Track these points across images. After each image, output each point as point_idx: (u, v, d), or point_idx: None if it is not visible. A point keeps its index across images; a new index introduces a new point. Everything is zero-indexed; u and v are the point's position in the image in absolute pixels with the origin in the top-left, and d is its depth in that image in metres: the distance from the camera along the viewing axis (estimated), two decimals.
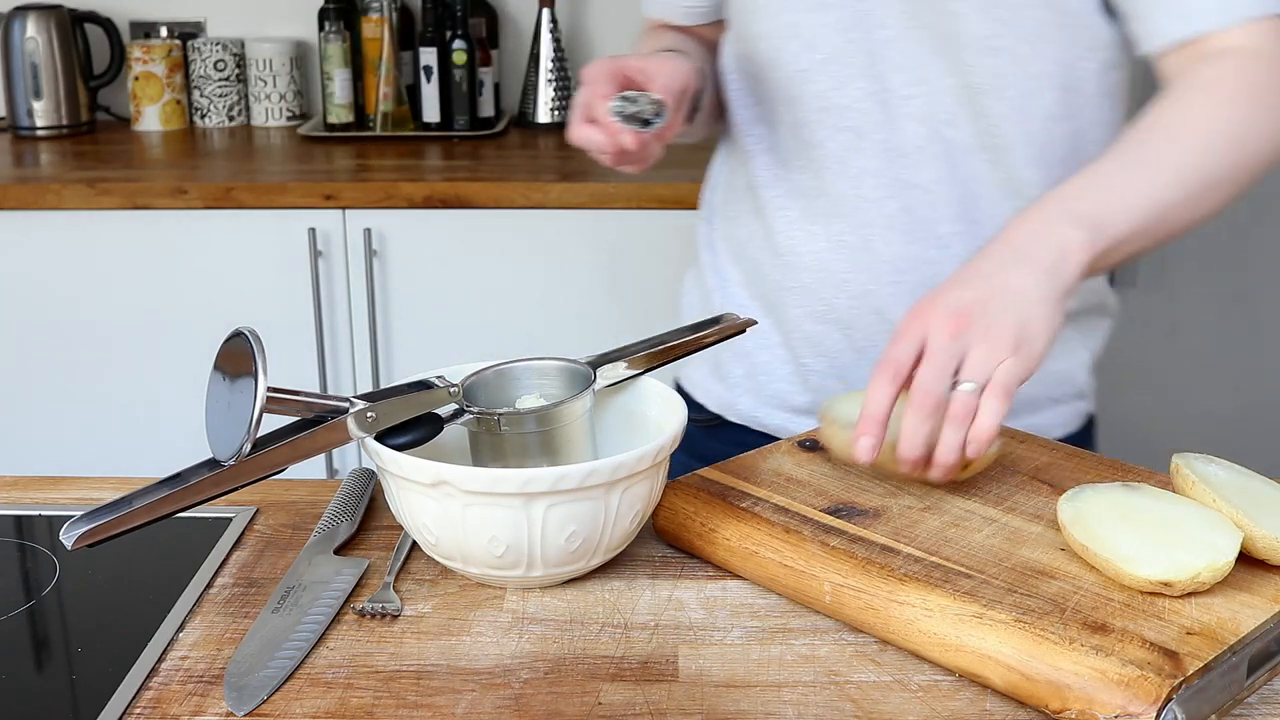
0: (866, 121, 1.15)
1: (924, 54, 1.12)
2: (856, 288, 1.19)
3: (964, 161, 1.14)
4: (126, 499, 0.82)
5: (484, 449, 0.96)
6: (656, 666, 0.82)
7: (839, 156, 1.16)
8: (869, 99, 1.14)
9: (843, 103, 1.15)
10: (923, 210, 1.16)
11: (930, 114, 1.13)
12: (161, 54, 2.65)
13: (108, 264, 2.24)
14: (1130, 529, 0.84)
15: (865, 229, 1.17)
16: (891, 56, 1.12)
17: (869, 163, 1.15)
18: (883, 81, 1.13)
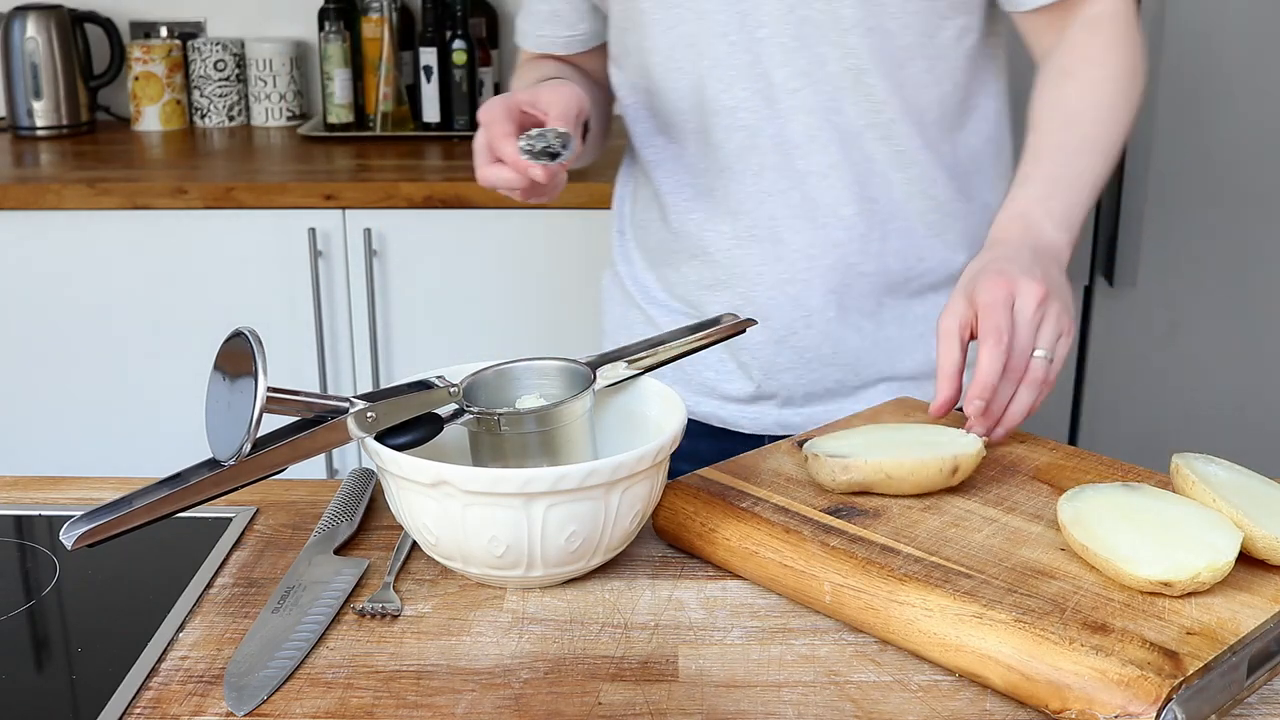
0: (757, 119, 1.18)
1: (804, 45, 1.15)
2: (771, 278, 1.22)
3: (855, 143, 1.19)
4: (126, 499, 0.82)
5: (484, 449, 0.96)
6: (656, 666, 0.82)
7: (737, 155, 1.20)
8: (756, 97, 1.18)
9: (732, 104, 1.18)
10: (824, 196, 1.20)
11: (817, 103, 1.17)
12: (161, 54, 2.65)
13: (108, 264, 2.24)
14: (1130, 529, 0.84)
15: (771, 221, 1.21)
16: (773, 53, 1.16)
17: (766, 158, 1.19)
18: (768, 79, 1.17)
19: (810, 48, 1.15)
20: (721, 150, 1.20)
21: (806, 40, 1.15)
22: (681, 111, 1.22)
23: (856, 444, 0.97)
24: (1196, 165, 2.18)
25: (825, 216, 1.20)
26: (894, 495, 0.94)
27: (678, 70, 1.20)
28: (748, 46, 1.16)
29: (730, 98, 1.18)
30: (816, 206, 1.20)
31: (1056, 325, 1.01)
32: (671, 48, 1.19)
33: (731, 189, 1.21)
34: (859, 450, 0.95)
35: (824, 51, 1.15)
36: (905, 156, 1.20)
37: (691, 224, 1.25)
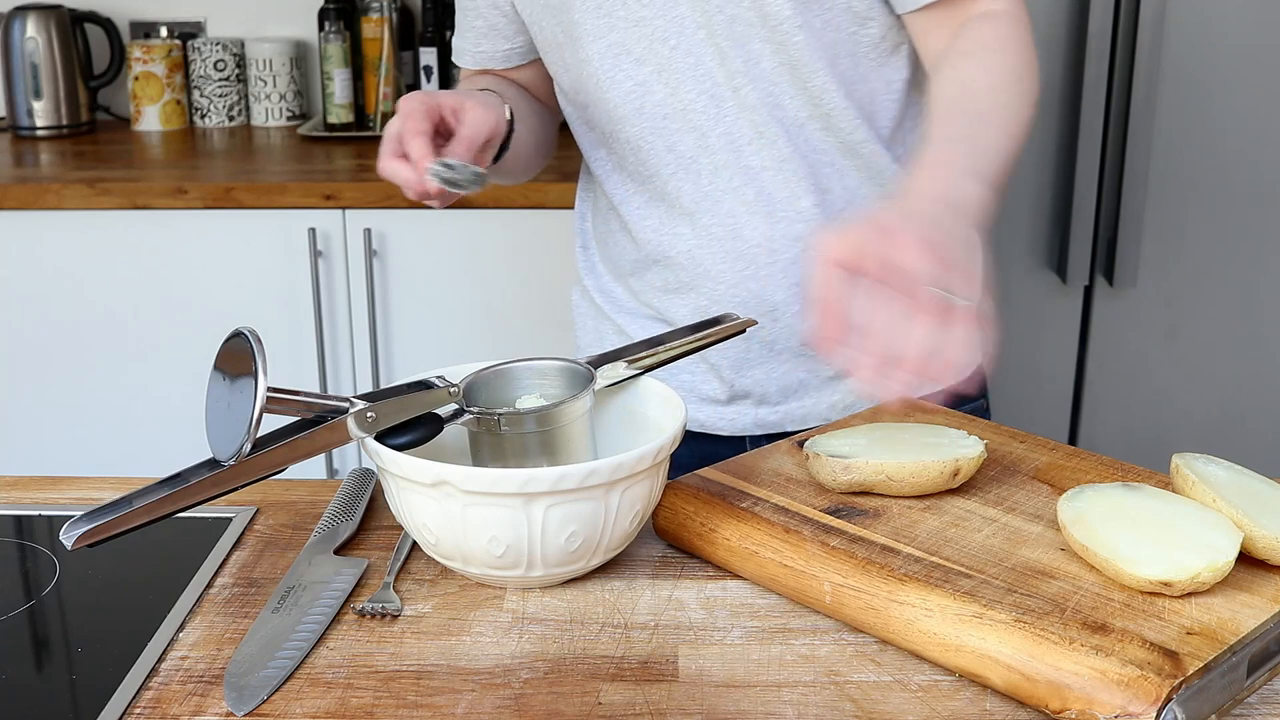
0: (707, 119, 1.18)
1: (737, 43, 1.15)
2: (733, 276, 1.22)
3: (801, 135, 1.19)
4: (126, 499, 0.82)
5: (484, 449, 0.96)
6: (656, 666, 0.82)
7: (690, 157, 1.20)
8: (704, 97, 1.17)
9: (681, 106, 1.18)
10: (779, 190, 1.20)
11: (759, 99, 1.17)
12: (161, 54, 2.65)
13: (108, 264, 2.24)
14: (1130, 529, 0.84)
15: (730, 219, 1.21)
16: (711, 54, 1.16)
17: (718, 157, 1.19)
18: (712, 78, 1.17)
19: (744, 45, 1.15)
20: (673, 153, 1.20)
21: (739, 39, 1.15)
22: (624, 118, 1.21)
23: (858, 444, 0.97)
24: (1196, 165, 2.18)
25: (782, 210, 1.20)
26: (895, 496, 0.94)
27: (618, 77, 1.19)
28: (689, 49, 1.16)
29: (678, 100, 1.18)
30: (773, 201, 1.20)
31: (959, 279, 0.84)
32: (607, 56, 1.19)
33: (686, 190, 1.21)
34: (860, 450, 0.95)
35: (758, 48, 1.16)
36: (852, 146, 1.21)
37: (649, 230, 1.25)
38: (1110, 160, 2.17)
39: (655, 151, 1.21)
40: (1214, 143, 2.16)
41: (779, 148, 1.19)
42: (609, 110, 1.21)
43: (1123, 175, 2.16)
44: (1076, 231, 2.18)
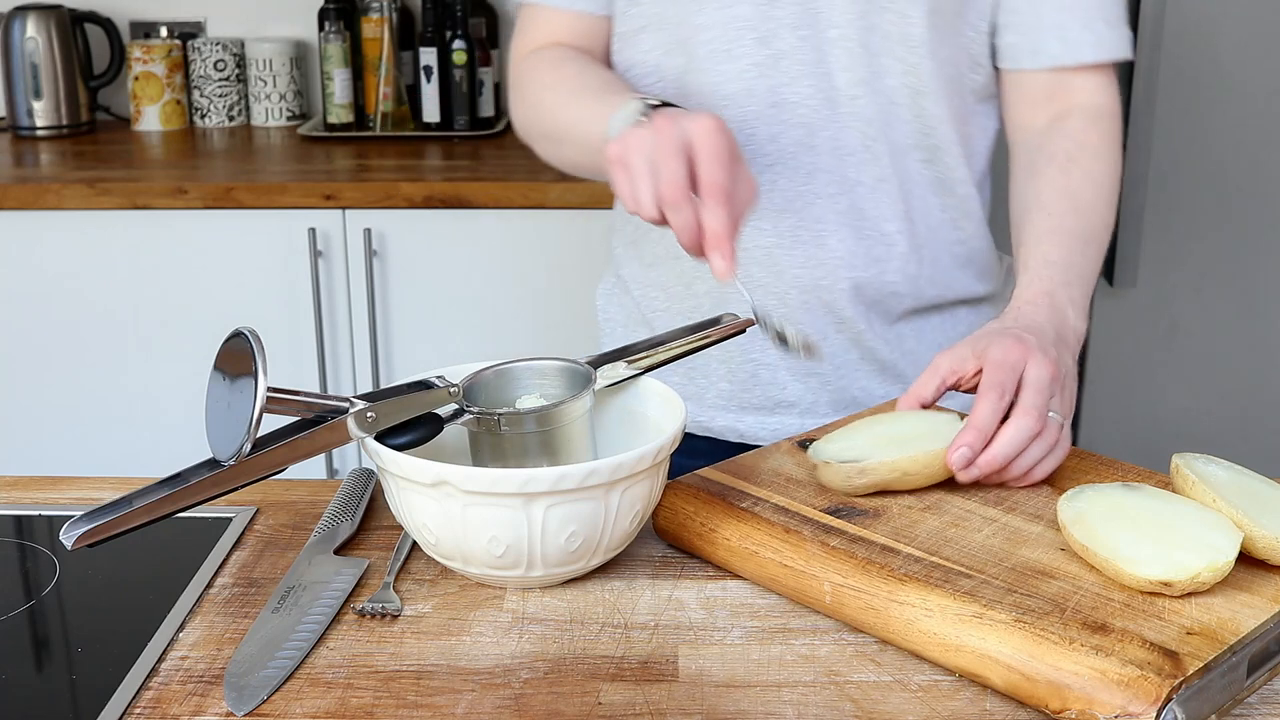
0: (817, 118, 1.16)
1: (868, 54, 1.14)
2: (808, 282, 1.20)
3: (903, 161, 1.18)
4: (126, 499, 0.82)
5: (484, 449, 0.96)
6: (656, 666, 0.82)
7: (790, 153, 1.17)
8: (818, 96, 1.16)
9: (794, 99, 1.16)
10: (870, 208, 1.19)
11: (874, 113, 1.16)
12: (161, 54, 2.65)
13: (108, 264, 2.24)
14: (1130, 529, 0.84)
15: (818, 225, 1.19)
16: (839, 55, 1.15)
17: (819, 159, 1.17)
18: (830, 80, 1.15)
19: (875, 57, 1.14)
20: (775, 144, 1.17)
21: (872, 49, 1.14)
22: (730, 97, 1.16)
23: (861, 445, 0.96)
24: (1196, 165, 2.18)
25: (869, 229, 1.19)
26: (907, 491, 0.95)
27: (735, 53, 1.15)
28: (816, 44, 1.14)
29: (794, 92, 1.15)
30: (863, 217, 1.18)
31: (1065, 406, 1.00)
32: (729, 28, 1.15)
33: (780, 185, 1.18)
34: (866, 451, 0.95)
35: (888, 64, 1.15)
36: (948, 184, 1.20)
37: None
38: None
39: (756, 139, 1.17)
40: (1213, 143, 2.16)
41: (881, 166, 1.17)
42: (714, 85, 1.17)
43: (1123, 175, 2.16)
44: None
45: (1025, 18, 1.18)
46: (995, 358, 0.98)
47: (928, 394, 1.02)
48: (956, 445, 0.94)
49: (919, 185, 1.20)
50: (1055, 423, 0.97)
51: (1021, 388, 0.97)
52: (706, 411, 1.28)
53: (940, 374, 1.01)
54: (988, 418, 0.95)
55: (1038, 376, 0.97)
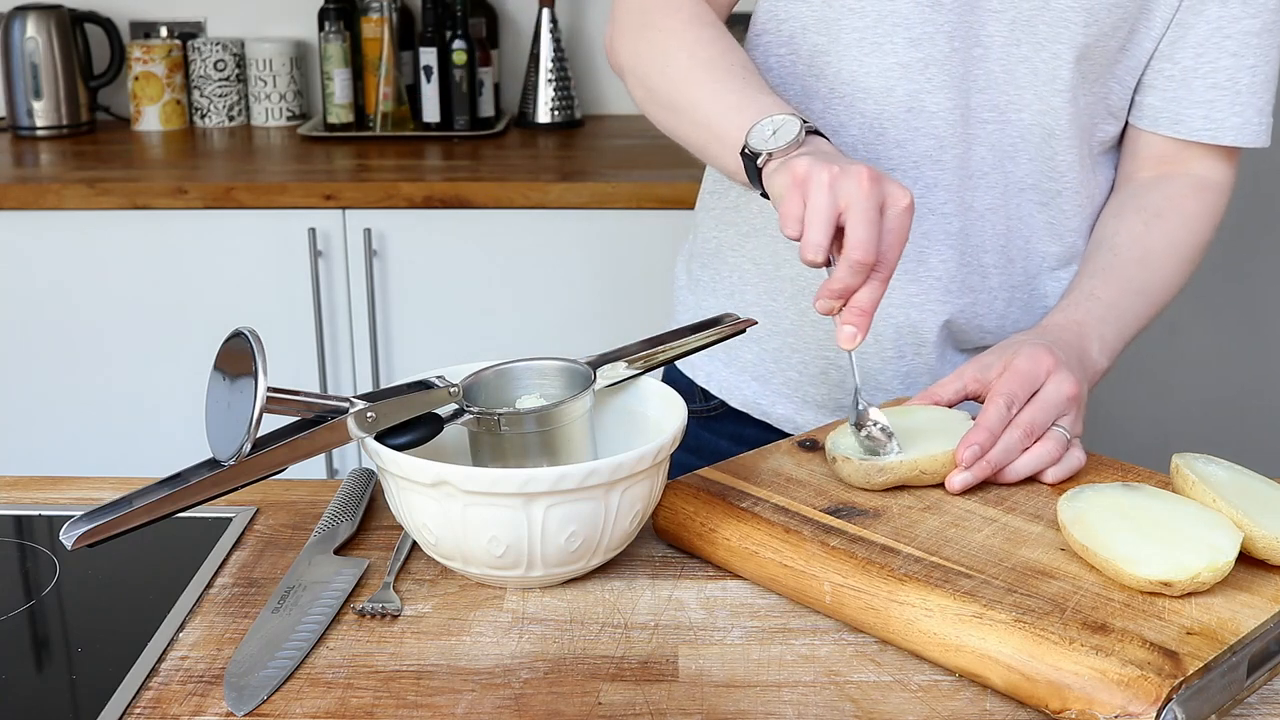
0: (949, 134, 1.13)
1: (1010, 83, 1.12)
2: (902, 296, 1.17)
3: (1016, 198, 1.16)
4: (126, 499, 0.82)
5: (484, 449, 0.96)
6: (656, 666, 0.82)
7: (915, 162, 1.14)
8: (954, 111, 1.12)
9: (931, 108, 1.12)
10: (976, 236, 1.16)
11: (1001, 143, 1.14)
12: (161, 54, 2.65)
13: (108, 264, 2.24)
14: (1130, 529, 0.84)
15: (924, 240, 1.15)
16: (980, 76, 1.12)
17: (942, 175, 1.14)
18: (968, 98, 1.12)
19: (1017, 89, 1.12)
20: (903, 150, 1.13)
21: (1016, 80, 1.11)
22: (865, 90, 1.13)
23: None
24: None
25: (970, 256, 1.16)
26: (908, 490, 0.95)
27: (881, 48, 1.11)
28: (963, 58, 1.11)
29: (933, 101, 1.12)
30: (967, 242, 1.16)
31: (1073, 425, 1.00)
32: (883, 21, 1.11)
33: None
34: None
35: (1027, 99, 1.12)
36: (1058, 232, 1.18)
37: None
38: None
39: (885, 141, 1.14)
40: None
41: (994, 197, 1.15)
42: (854, 75, 1.13)
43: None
44: None
45: (1175, 85, 1.14)
46: (1019, 365, 1.00)
47: (945, 396, 1.02)
48: (968, 443, 0.95)
49: (1028, 225, 1.17)
50: (1058, 437, 0.98)
51: (1031, 401, 0.99)
52: (769, 397, 1.26)
53: (964, 379, 1.02)
54: (994, 421, 0.97)
55: (1054, 393, 0.99)
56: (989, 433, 0.96)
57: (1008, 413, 0.97)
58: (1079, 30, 1.09)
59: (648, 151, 2.36)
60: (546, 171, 2.31)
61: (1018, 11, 1.09)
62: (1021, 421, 0.97)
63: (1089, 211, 1.19)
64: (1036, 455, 0.97)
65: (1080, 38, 1.09)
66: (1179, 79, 1.14)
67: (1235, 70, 1.13)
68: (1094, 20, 1.09)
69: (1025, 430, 0.97)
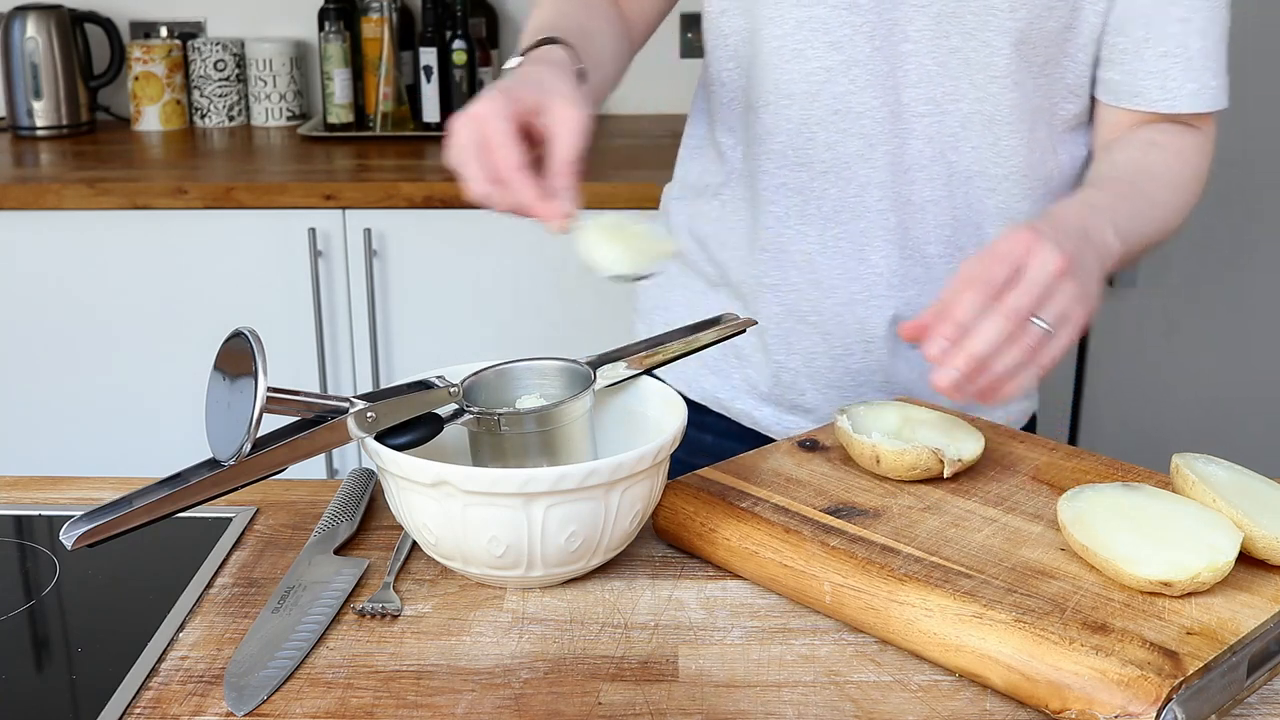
0: (879, 131, 1.14)
1: (944, 75, 1.12)
2: (845, 295, 1.19)
3: (962, 187, 1.16)
4: (126, 499, 0.82)
5: (484, 449, 0.96)
6: (656, 666, 0.82)
7: (846, 162, 1.15)
8: (884, 109, 1.13)
9: (858, 109, 1.13)
10: (917, 229, 1.17)
11: (938, 134, 1.14)
12: (161, 54, 2.65)
13: (108, 264, 2.24)
14: (1130, 529, 0.84)
15: (862, 238, 1.17)
16: (910, 71, 1.12)
17: (875, 174, 1.15)
18: (898, 94, 1.13)
19: (951, 80, 1.12)
20: (833, 152, 1.15)
21: (950, 71, 1.11)
22: (790, 97, 1.14)
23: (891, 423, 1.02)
24: None
25: (913, 249, 1.17)
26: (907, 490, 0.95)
27: (802, 54, 1.13)
28: (888, 56, 1.11)
29: (860, 102, 1.13)
30: (908, 236, 1.16)
31: (1066, 306, 0.91)
32: (801, 28, 1.12)
33: (830, 194, 1.16)
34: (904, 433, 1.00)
35: (963, 89, 1.12)
36: (1009, 215, 1.17)
37: (772, 216, 1.19)
38: None
39: (815, 144, 1.15)
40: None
41: (935, 189, 1.15)
42: (777, 84, 1.15)
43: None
44: None
45: (1132, 60, 1.14)
46: (998, 249, 0.92)
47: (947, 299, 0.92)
48: (934, 336, 0.89)
49: (978, 212, 1.17)
50: (1038, 330, 0.90)
51: (1013, 282, 0.90)
52: (728, 392, 1.28)
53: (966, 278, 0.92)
54: (966, 310, 0.89)
55: (1038, 269, 0.90)
56: (954, 323, 0.88)
57: (981, 298, 0.89)
58: (1006, 16, 1.09)
59: (648, 151, 2.36)
60: None
61: (942, 5, 1.10)
62: (1003, 308, 0.89)
63: (1042, 192, 1.19)
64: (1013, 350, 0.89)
65: (1010, 23, 1.09)
66: (1132, 51, 1.14)
67: (1184, 36, 1.12)
68: (1020, 4, 1.09)
69: (1007, 315, 0.88)
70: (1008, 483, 0.97)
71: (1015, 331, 0.89)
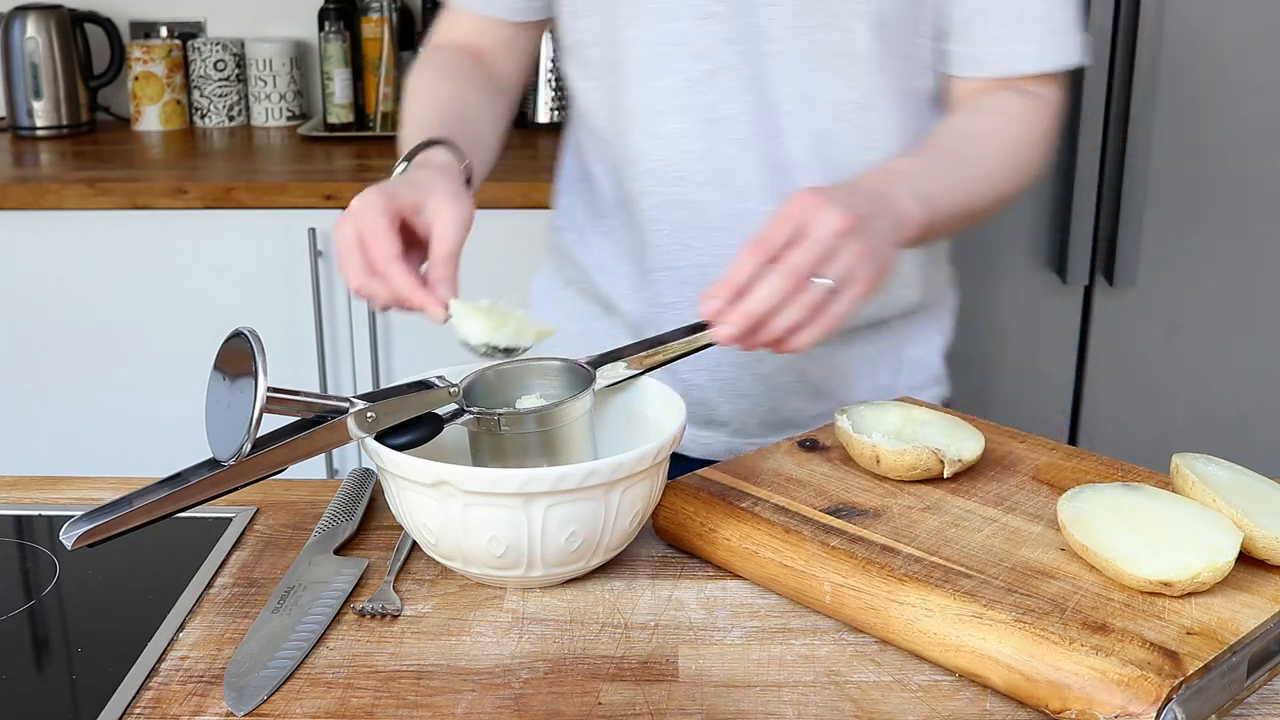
0: (753, 135, 1.14)
1: (810, 70, 1.12)
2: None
3: (843, 175, 1.14)
4: (126, 499, 0.82)
5: (484, 449, 0.96)
6: (656, 666, 0.82)
7: (723, 170, 1.15)
8: (756, 111, 1.13)
9: (729, 115, 1.14)
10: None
11: (813, 128, 1.14)
12: (161, 54, 2.65)
13: (108, 264, 2.24)
14: (1130, 529, 0.84)
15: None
16: (776, 71, 1.12)
17: (755, 176, 1.15)
18: (768, 95, 1.13)
19: (817, 73, 1.12)
20: (711, 161, 1.15)
21: (814, 65, 1.12)
22: (661, 113, 1.15)
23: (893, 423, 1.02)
24: (1196, 165, 2.18)
25: None
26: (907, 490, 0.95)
27: (664, 69, 1.13)
28: (752, 59, 1.12)
29: (730, 108, 1.13)
30: None
31: (851, 265, 0.92)
32: (662, 44, 1.13)
33: (713, 204, 1.16)
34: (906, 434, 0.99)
35: (830, 80, 1.13)
36: None
37: (658, 235, 1.19)
38: (1110, 160, 2.17)
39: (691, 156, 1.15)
40: (1214, 142, 2.16)
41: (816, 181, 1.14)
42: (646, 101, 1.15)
43: (1122, 175, 2.16)
44: (1076, 231, 2.18)
45: (972, 29, 1.14)
46: (783, 209, 0.93)
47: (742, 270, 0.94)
48: (706, 296, 0.92)
49: None
50: (820, 288, 0.91)
51: (793, 242, 0.91)
52: None
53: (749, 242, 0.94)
54: (742, 272, 0.91)
55: (820, 229, 0.91)
56: (730, 285, 0.91)
57: (758, 259, 0.91)
58: (861, 1, 1.10)
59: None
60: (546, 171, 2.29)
61: (799, 2, 1.10)
62: (783, 266, 0.90)
63: None
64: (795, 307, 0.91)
65: (865, 6, 1.10)
66: (972, 21, 1.14)
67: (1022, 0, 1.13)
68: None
69: (785, 274, 0.90)
70: (1008, 483, 0.97)
71: (794, 289, 0.90)
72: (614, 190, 1.23)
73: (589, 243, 1.27)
